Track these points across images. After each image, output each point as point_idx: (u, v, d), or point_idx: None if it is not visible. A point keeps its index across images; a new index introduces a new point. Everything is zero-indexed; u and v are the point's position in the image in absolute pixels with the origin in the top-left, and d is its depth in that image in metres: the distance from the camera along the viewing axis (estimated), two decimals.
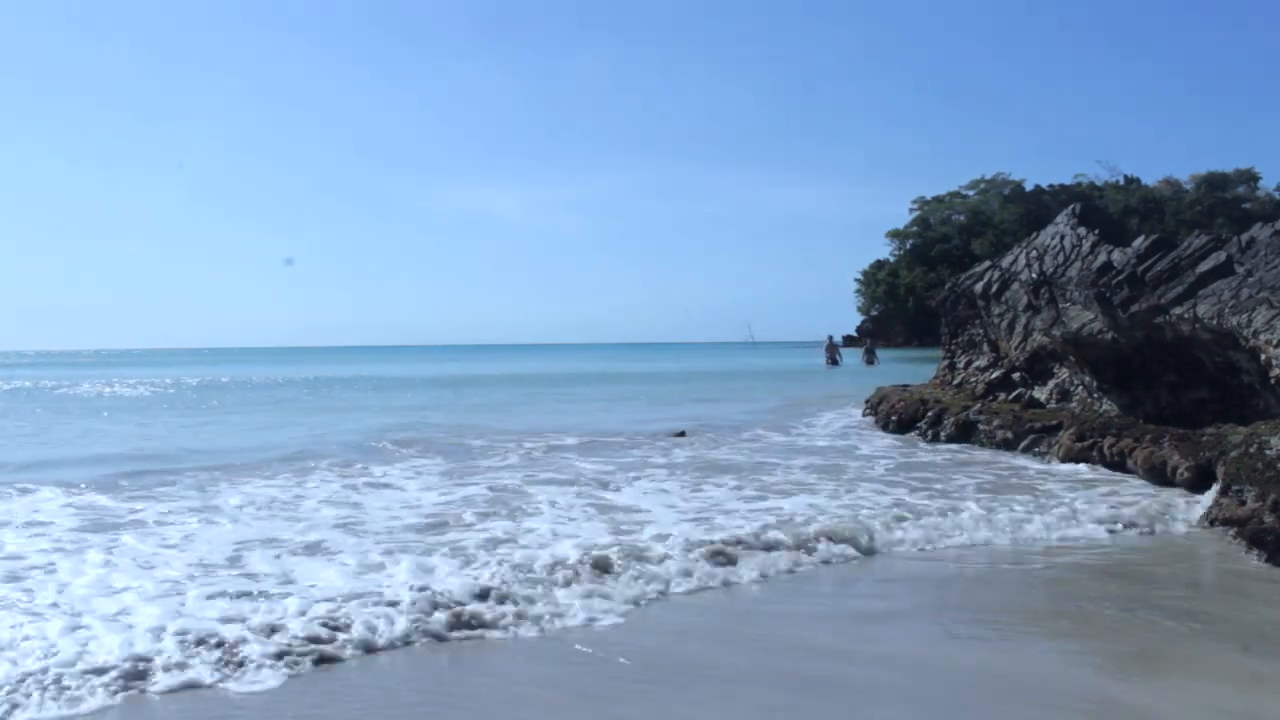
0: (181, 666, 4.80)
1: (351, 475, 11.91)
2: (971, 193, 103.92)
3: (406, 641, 5.33)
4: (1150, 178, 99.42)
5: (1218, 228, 54.66)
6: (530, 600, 5.96)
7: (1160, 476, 11.25)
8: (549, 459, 13.58)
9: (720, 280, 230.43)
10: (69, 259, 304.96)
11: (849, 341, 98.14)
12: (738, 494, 10.54)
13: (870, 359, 43.85)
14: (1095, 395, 14.74)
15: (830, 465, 12.89)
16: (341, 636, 5.26)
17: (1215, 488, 9.34)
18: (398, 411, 23.33)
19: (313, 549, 7.62)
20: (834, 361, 45.86)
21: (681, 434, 16.90)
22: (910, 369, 30.07)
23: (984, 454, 14.27)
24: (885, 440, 16.32)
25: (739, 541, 7.63)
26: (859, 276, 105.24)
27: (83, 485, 10.80)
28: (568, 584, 6.34)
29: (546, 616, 5.75)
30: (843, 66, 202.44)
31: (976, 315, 17.81)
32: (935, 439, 15.94)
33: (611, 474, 11.91)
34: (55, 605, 5.88)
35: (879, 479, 11.67)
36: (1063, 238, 16.15)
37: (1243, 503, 8.27)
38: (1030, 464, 13.03)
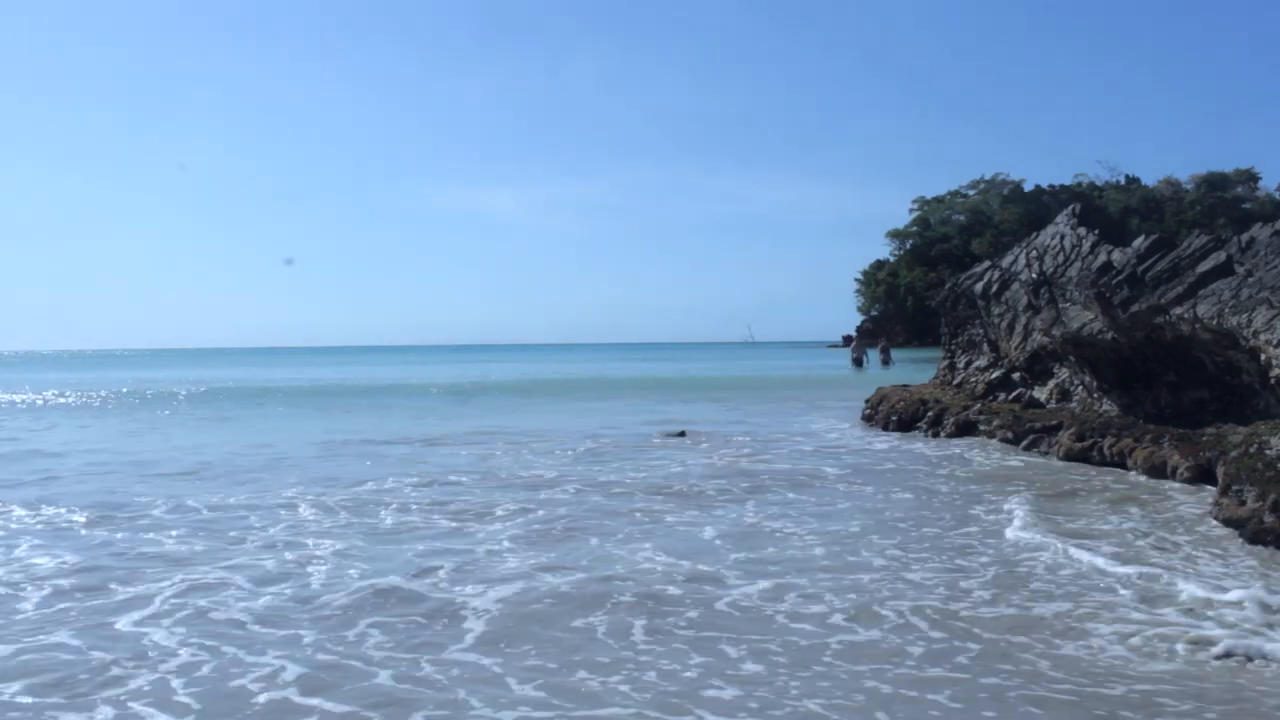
0: None
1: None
2: (971, 193, 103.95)
3: None
4: (1150, 178, 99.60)
5: (1218, 228, 54.72)
6: None
7: (1160, 476, 11.25)
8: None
9: (720, 280, 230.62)
10: (65, 258, 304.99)
11: (847, 341, 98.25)
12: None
13: (886, 359, 40.88)
14: (1095, 395, 14.73)
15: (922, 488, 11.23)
16: None
17: None
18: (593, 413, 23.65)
19: None
20: (859, 362, 42.06)
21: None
22: (923, 370, 28.88)
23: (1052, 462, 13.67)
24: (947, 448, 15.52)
25: None
26: (859, 276, 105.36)
27: None
28: None
29: None
30: (842, 66, 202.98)
31: (976, 315, 17.81)
32: (935, 439, 15.93)
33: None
34: None
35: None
36: (1063, 238, 16.14)
37: (1243, 503, 8.26)
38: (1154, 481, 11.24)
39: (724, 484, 11.54)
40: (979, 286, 17.72)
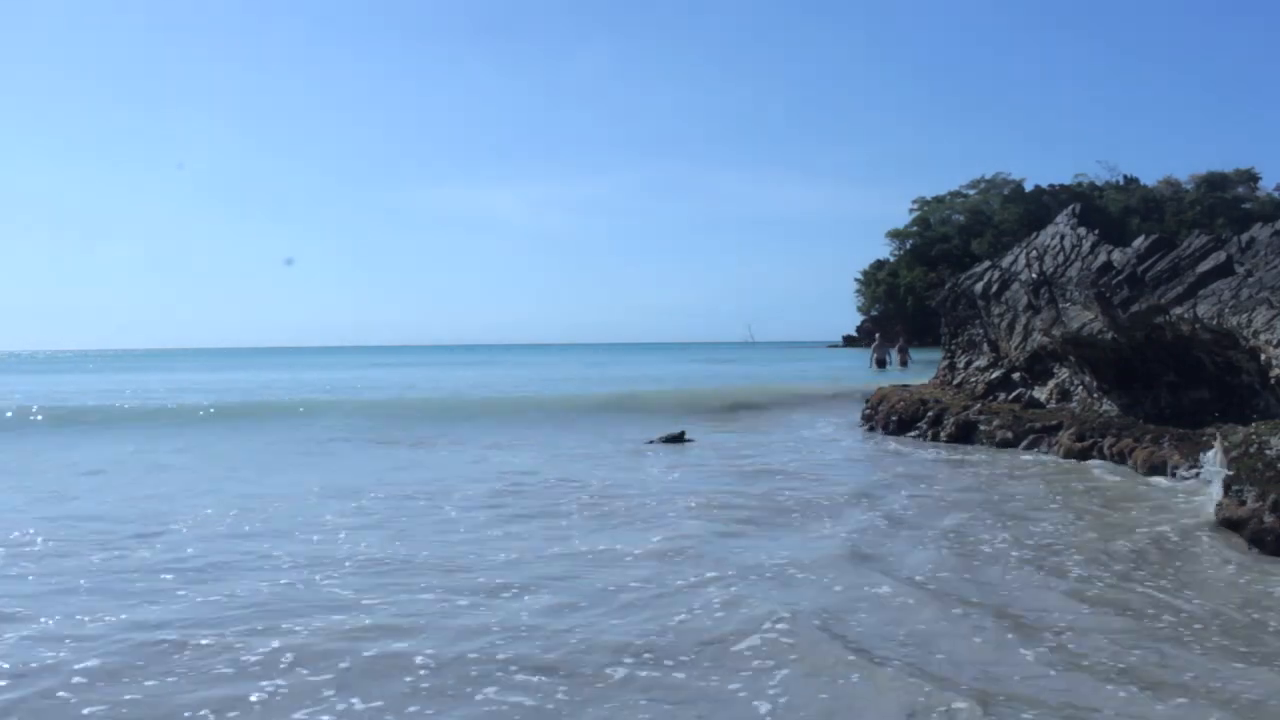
0: None
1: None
2: (971, 193, 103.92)
3: None
4: (1150, 178, 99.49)
5: (1218, 228, 54.61)
6: None
7: (1160, 476, 11.25)
8: None
9: (720, 280, 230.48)
10: (64, 257, 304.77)
11: (848, 341, 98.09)
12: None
13: (904, 360, 38.35)
14: (1095, 395, 14.74)
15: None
16: None
17: None
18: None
19: None
20: (882, 363, 38.88)
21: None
22: (924, 370, 27.53)
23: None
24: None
25: None
26: (859, 276, 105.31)
27: None
28: None
29: None
30: (843, 66, 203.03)
31: (976, 315, 17.81)
32: (935, 439, 15.93)
33: None
34: None
35: None
36: (1063, 238, 16.14)
37: (1243, 503, 8.26)
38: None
39: (728, 497, 11.41)
40: (979, 286, 17.73)
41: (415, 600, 6.38)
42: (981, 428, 15.47)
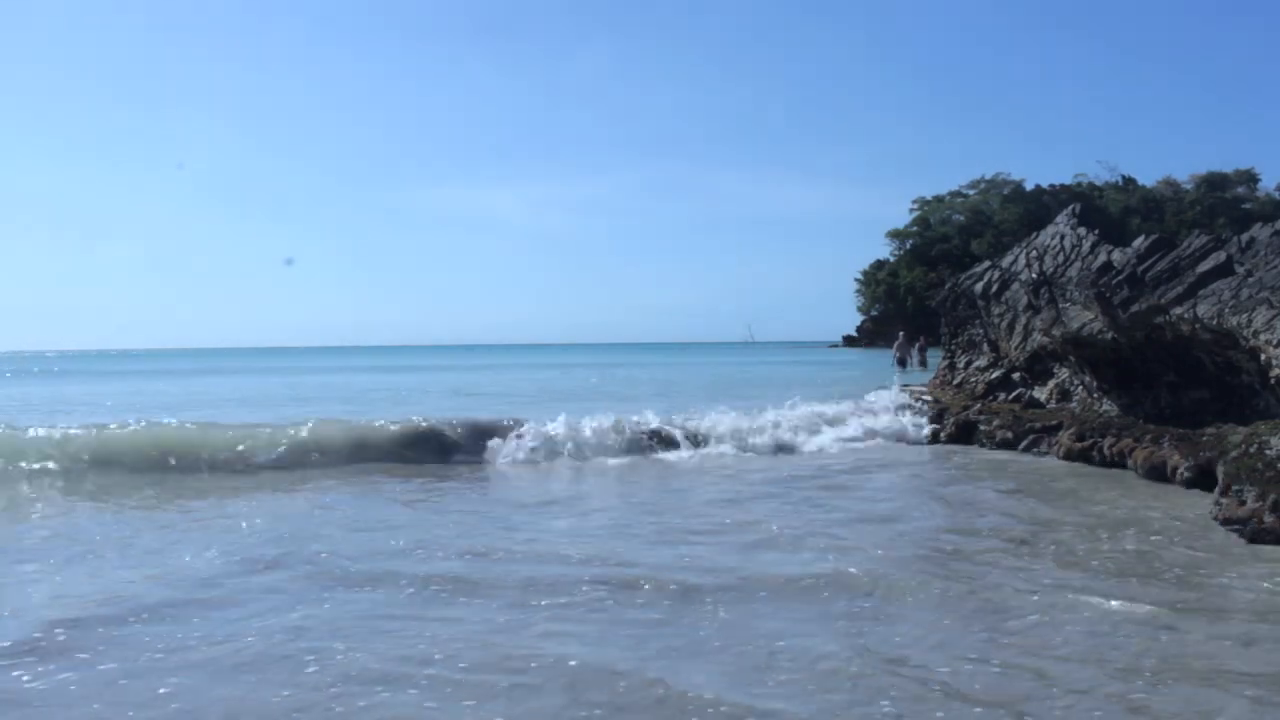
0: None
1: None
2: (971, 193, 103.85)
3: None
4: (1150, 178, 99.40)
5: (1218, 228, 54.50)
6: None
7: (1160, 476, 11.24)
8: None
9: (720, 280, 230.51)
10: (64, 257, 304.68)
11: (848, 341, 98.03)
12: None
13: (924, 359, 36.88)
14: (1095, 395, 14.73)
15: None
16: None
17: None
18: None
19: None
20: (903, 362, 36.81)
21: None
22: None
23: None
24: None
25: None
26: (859, 276, 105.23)
27: None
28: None
29: None
30: (843, 66, 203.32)
31: (976, 315, 17.81)
32: (935, 439, 15.92)
33: None
34: None
35: None
36: (1063, 238, 16.14)
37: (1243, 503, 8.26)
38: None
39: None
40: (979, 286, 17.72)
41: None
42: (981, 428, 15.47)
